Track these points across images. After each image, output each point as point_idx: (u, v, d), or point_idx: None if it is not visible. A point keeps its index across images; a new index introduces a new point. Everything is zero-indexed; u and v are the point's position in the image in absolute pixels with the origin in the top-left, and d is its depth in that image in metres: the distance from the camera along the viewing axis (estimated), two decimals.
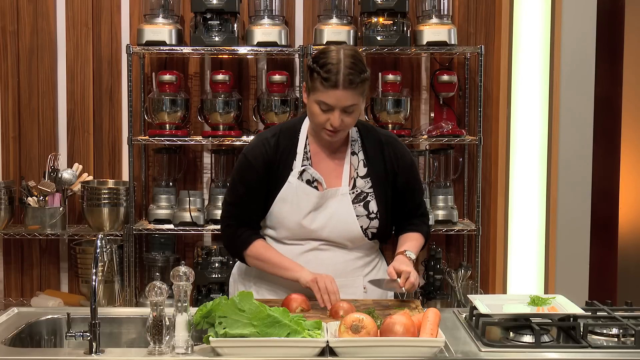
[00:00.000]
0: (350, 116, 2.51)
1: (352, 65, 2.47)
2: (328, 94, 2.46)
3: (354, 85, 2.46)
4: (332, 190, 2.60)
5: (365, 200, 2.61)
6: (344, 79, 2.45)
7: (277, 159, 2.60)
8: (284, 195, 2.59)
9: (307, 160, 2.61)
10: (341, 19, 4.09)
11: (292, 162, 2.60)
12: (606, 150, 4.25)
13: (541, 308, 2.32)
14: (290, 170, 2.60)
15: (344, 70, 2.45)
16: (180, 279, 2.08)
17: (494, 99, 4.29)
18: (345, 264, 2.64)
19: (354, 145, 2.65)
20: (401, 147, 2.71)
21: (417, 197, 2.76)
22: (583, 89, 4.10)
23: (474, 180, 4.24)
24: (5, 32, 4.29)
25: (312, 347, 2.03)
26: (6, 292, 4.35)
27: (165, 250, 4.16)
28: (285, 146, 2.61)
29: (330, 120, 2.49)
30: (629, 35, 4.16)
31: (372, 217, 2.62)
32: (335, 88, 2.45)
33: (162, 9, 4.09)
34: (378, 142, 2.66)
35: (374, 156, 2.64)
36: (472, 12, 4.33)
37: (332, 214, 2.59)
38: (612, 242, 4.26)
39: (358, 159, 2.64)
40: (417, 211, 2.77)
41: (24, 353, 2.17)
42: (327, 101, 2.47)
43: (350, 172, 2.63)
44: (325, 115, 2.50)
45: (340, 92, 2.45)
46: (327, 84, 2.45)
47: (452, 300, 4.11)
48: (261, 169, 2.59)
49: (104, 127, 4.34)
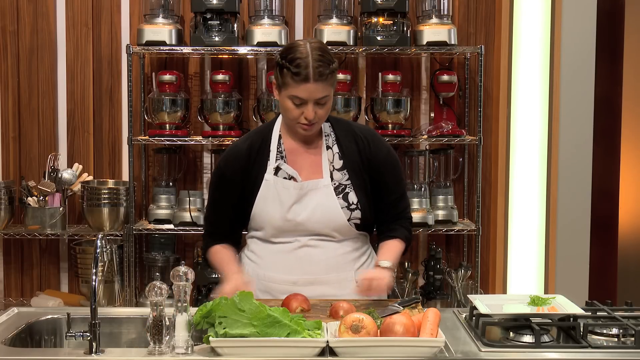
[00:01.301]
0: (323, 108, 2.54)
1: (320, 57, 2.50)
2: (300, 88, 2.49)
3: (324, 77, 2.49)
4: (312, 182, 2.61)
5: (344, 192, 2.62)
6: (314, 72, 2.48)
7: (251, 162, 2.64)
8: (264, 193, 2.62)
9: (281, 158, 2.64)
10: (341, 19, 4.09)
11: (267, 162, 2.64)
12: (606, 150, 4.25)
13: (541, 308, 2.32)
14: (265, 170, 2.63)
15: (313, 64, 2.48)
16: (180, 279, 2.08)
17: (494, 99, 4.29)
18: (337, 259, 2.64)
19: (328, 140, 2.66)
20: (377, 140, 2.71)
21: (394, 193, 2.70)
22: (583, 89, 4.10)
23: (474, 180, 4.25)
24: (5, 32, 4.29)
25: (312, 347, 2.03)
26: (6, 292, 4.35)
27: (165, 250, 4.16)
28: (259, 148, 2.65)
29: (305, 114, 2.52)
30: (629, 35, 4.16)
31: (353, 207, 2.62)
32: (307, 82, 2.48)
33: (162, 9, 4.09)
34: (351, 135, 2.68)
35: (348, 148, 2.65)
36: (472, 12, 4.33)
37: (316, 205, 2.60)
38: (612, 242, 4.26)
39: (333, 152, 2.66)
40: (395, 209, 2.72)
41: (24, 353, 2.17)
42: (299, 95, 2.50)
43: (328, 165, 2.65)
44: (299, 109, 2.53)
45: (312, 85, 2.48)
46: (298, 78, 2.48)
47: (452, 300, 4.11)
48: (236, 176, 2.64)
49: (104, 127, 4.34)
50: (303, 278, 2.63)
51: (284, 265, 2.65)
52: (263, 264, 2.69)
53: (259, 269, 2.69)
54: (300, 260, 2.62)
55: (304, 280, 2.62)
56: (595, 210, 4.17)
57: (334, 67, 2.54)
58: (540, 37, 4.14)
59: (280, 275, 2.64)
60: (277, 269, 2.65)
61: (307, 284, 2.62)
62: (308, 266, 2.61)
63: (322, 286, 2.63)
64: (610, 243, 4.26)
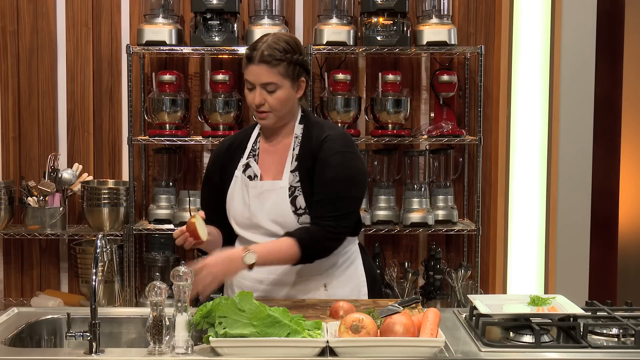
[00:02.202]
0: (272, 96, 2.53)
1: (274, 44, 2.52)
2: (247, 70, 2.54)
3: (268, 61, 2.49)
4: (269, 182, 2.60)
5: (293, 195, 2.58)
6: (260, 55, 2.50)
7: (229, 157, 2.70)
8: (232, 189, 2.66)
9: (253, 157, 2.67)
10: (341, 19, 4.09)
11: (241, 158, 2.68)
12: (606, 150, 4.25)
13: (541, 308, 2.32)
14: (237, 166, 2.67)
15: (263, 47, 2.51)
16: (180, 279, 2.08)
17: (494, 99, 4.29)
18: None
19: (295, 142, 2.64)
20: (331, 141, 2.56)
21: (319, 194, 2.53)
22: (583, 89, 4.10)
23: (474, 180, 4.24)
24: (5, 32, 4.29)
25: (312, 347, 2.03)
26: (6, 292, 4.35)
27: (165, 250, 4.17)
28: (238, 145, 2.71)
29: (253, 98, 2.54)
30: (629, 35, 4.16)
31: (300, 212, 2.56)
32: (252, 63, 2.52)
33: (162, 9, 4.09)
34: (316, 137, 2.59)
35: (306, 150, 2.59)
36: (472, 12, 4.33)
37: (271, 206, 2.58)
38: (612, 242, 4.26)
39: (293, 154, 2.62)
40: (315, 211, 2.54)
41: (24, 353, 2.17)
42: (247, 77, 2.55)
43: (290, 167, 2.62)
44: (251, 94, 2.56)
45: (256, 67, 2.51)
46: (247, 60, 2.54)
47: (452, 300, 4.11)
48: (215, 171, 2.72)
49: (104, 127, 4.34)
50: (268, 278, 2.63)
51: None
52: None
53: None
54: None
55: (269, 280, 2.63)
56: (595, 210, 4.17)
57: (285, 57, 2.51)
58: (540, 37, 4.14)
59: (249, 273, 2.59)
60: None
61: (273, 284, 2.63)
62: (273, 267, 2.58)
63: (287, 287, 2.63)
64: (610, 243, 4.26)
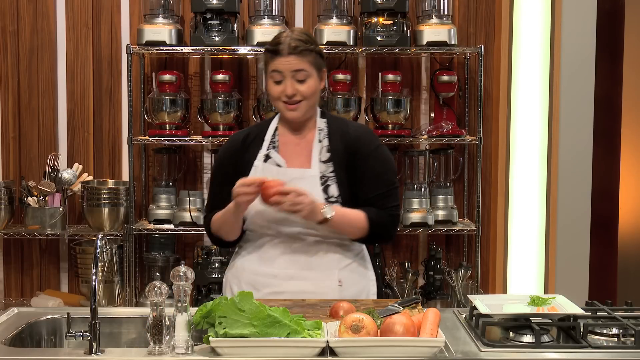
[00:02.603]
0: (303, 85, 2.62)
1: (298, 36, 2.65)
2: (276, 62, 2.62)
3: (298, 51, 2.61)
4: (298, 170, 2.65)
5: (326, 184, 2.64)
6: (288, 46, 2.61)
7: (245, 148, 2.72)
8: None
9: (273, 148, 2.71)
10: (341, 19, 4.09)
11: (259, 150, 2.71)
12: (606, 150, 4.25)
13: (541, 308, 2.31)
14: (256, 157, 2.70)
15: (288, 40, 2.62)
16: (180, 279, 2.08)
17: (494, 99, 4.29)
18: (319, 257, 2.65)
19: (320, 134, 2.71)
20: (368, 136, 2.73)
21: (378, 189, 2.66)
22: (583, 89, 4.10)
23: (474, 180, 4.24)
24: (5, 32, 4.29)
25: (312, 347, 2.03)
26: (6, 292, 4.35)
27: (165, 250, 4.17)
28: (254, 138, 2.75)
29: (284, 90, 2.61)
30: (629, 35, 4.16)
31: (332, 201, 2.62)
32: (281, 55, 2.61)
33: (162, 9, 4.09)
34: (343, 131, 2.72)
35: (337, 143, 2.69)
36: (472, 12, 4.33)
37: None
38: (612, 242, 4.26)
39: (322, 145, 2.69)
40: (377, 205, 2.66)
41: (24, 353, 2.17)
42: (277, 68, 2.62)
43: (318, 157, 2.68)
44: (280, 86, 2.63)
45: (285, 58, 2.61)
46: (275, 53, 2.63)
47: (452, 300, 4.11)
48: (229, 162, 2.73)
49: (104, 127, 4.34)
50: (284, 272, 2.64)
51: (267, 258, 2.67)
52: (249, 257, 2.71)
53: (245, 262, 2.72)
54: (282, 254, 2.64)
55: (284, 275, 2.64)
56: (595, 210, 4.17)
57: (311, 47, 2.64)
58: (540, 37, 4.14)
59: (262, 268, 2.66)
60: (260, 261, 2.68)
61: (288, 279, 2.63)
62: (289, 261, 2.63)
63: (301, 282, 2.63)
64: (610, 243, 4.26)
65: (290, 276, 2.64)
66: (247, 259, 2.72)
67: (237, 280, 2.73)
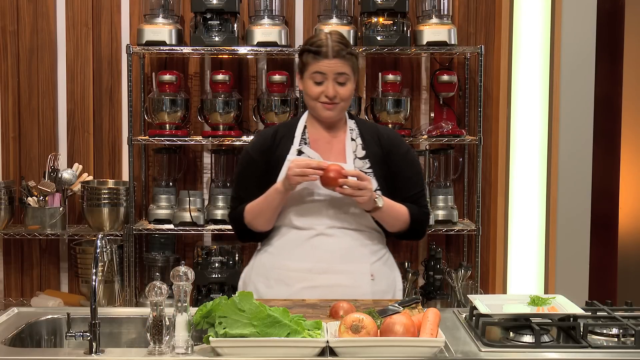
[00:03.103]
0: (343, 87, 2.67)
1: (339, 39, 2.69)
2: (319, 63, 2.65)
3: (341, 55, 2.65)
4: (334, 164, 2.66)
5: None
6: (332, 48, 2.65)
7: (276, 144, 2.73)
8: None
9: (305, 143, 2.73)
10: (341, 19, 4.09)
11: (290, 146, 2.72)
12: (606, 150, 4.25)
13: (541, 308, 2.32)
14: (288, 152, 2.71)
15: (332, 43, 2.66)
16: (180, 279, 2.08)
17: (494, 99, 4.29)
18: (352, 250, 2.67)
19: (352, 133, 2.76)
20: (399, 139, 2.82)
21: (414, 188, 2.77)
22: (583, 89, 4.10)
23: (474, 180, 4.24)
24: (5, 32, 4.29)
25: (312, 347, 2.03)
26: (6, 292, 4.35)
27: (165, 250, 4.17)
28: (284, 135, 2.76)
29: (325, 91, 2.64)
30: (629, 35, 4.16)
31: None
32: (326, 57, 2.65)
33: (162, 9, 4.09)
34: (374, 132, 2.79)
35: (371, 142, 2.75)
36: (472, 12, 4.33)
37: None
38: (612, 242, 4.26)
39: (356, 143, 2.75)
40: (419, 200, 2.78)
41: (24, 353, 2.17)
42: (320, 70, 2.65)
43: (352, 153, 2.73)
44: (320, 87, 2.67)
45: (330, 61, 2.64)
46: (318, 55, 2.66)
47: (452, 300, 4.11)
48: (259, 157, 2.73)
49: (104, 127, 4.34)
50: (317, 266, 2.65)
51: (299, 253, 2.68)
52: (278, 253, 2.72)
53: (274, 259, 2.72)
54: (315, 248, 2.66)
55: (318, 268, 2.65)
56: (595, 210, 4.17)
57: (352, 51, 2.70)
58: (540, 37, 4.14)
59: (295, 263, 2.67)
60: (291, 256, 2.68)
61: (322, 272, 2.65)
62: (323, 254, 2.65)
63: (336, 275, 2.65)
64: (610, 243, 4.26)
65: (324, 270, 2.65)
66: (275, 255, 2.72)
67: (263, 278, 2.73)
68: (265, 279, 2.72)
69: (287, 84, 4.06)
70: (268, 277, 2.71)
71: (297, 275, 2.65)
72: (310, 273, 2.64)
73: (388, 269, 2.77)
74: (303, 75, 2.71)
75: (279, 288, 2.67)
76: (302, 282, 2.64)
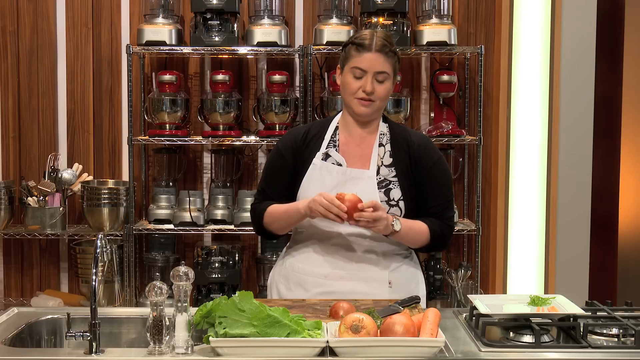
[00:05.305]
0: (382, 86, 2.64)
1: (386, 37, 2.67)
2: (361, 57, 2.62)
3: (385, 51, 2.63)
4: (356, 171, 2.67)
5: (388, 187, 2.66)
6: (376, 43, 2.62)
7: (305, 144, 2.72)
8: (310, 176, 2.69)
9: (333, 146, 2.72)
10: (341, 19, 4.09)
11: (319, 148, 2.72)
12: (606, 150, 4.25)
13: (541, 308, 2.31)
14: (315, 154, 2.71)
15: (377, 39, 2.64)
16: (180, 279, 2.08)
17: (494, 99, 4.29)
18: (370, 258, 2.67)
19: (382, 138, 2.73)
20: (430, 147, 2.76)
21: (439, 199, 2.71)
22: (583, 89, 4.10)
23: (474, 180, 4.25)
24: (5, 32, 4.29)
25: (312, 347, 2.03)
26: (6, 292, 4.35)
27: (165, 250, 4.17)
28: (315, 134, 2.75)
29: (363, 86, 2.62)
30: (629, 35, 4.16)
31: (393, 204, 2.65)
32: (369, 51, 2.62)
33: (162, 9, 4.09)
34: (405, 138, 2.74)
35: (400, 149, 2.71)
36: (472, 12, 4.33)
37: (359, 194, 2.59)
38: (612, 242, 4.26)
39: (385, 149, 2.72)
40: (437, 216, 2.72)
41: (24, 353, 2.17)
42: (360, 65, 2.62)
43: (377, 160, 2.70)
44: (358, 82, 2.63)
45: (373, 55, 2.62)
46: (361, 48, 2.63)
47: (452, 300, 4.11)
48: (288, 155, 2.73)
49: (104, 127, 4.34)
50: (334, 272, 2.66)
51: (316, 259, 2.68)
52: (298, 257, 2.73)
53: (295, 262, 2.73)
54: (333, 254, 2.66)
55: (335, 275, 2.65)
56: (595, 210, 4.17)
57: (395, 50, 2.67)
58: (540, 37, 4.14)
59: (312, 268, 2.68)
60: (309, 262, 2.69)
61: (338, 279, 2.65)
62: (340, 261, 2.65)
63: (353, 282, 2.65)
64: (610, 243, 4.26)
65: (341, 276, 2.65)
66: (297, 259, 2.73)
67: (285, 280, 2.75)
68: (286, 281, 2.74)
69: (287, 84, 4.06)
70: (289, 279, 2.73)
71: (315, 280, 2.66)
72: (327, 279, 2.65)
73: (408, 277, 2.74)
74: (343, 69, 2.68)
75: (297, 291, 2.68)
76: (319, 287, 2.65)
